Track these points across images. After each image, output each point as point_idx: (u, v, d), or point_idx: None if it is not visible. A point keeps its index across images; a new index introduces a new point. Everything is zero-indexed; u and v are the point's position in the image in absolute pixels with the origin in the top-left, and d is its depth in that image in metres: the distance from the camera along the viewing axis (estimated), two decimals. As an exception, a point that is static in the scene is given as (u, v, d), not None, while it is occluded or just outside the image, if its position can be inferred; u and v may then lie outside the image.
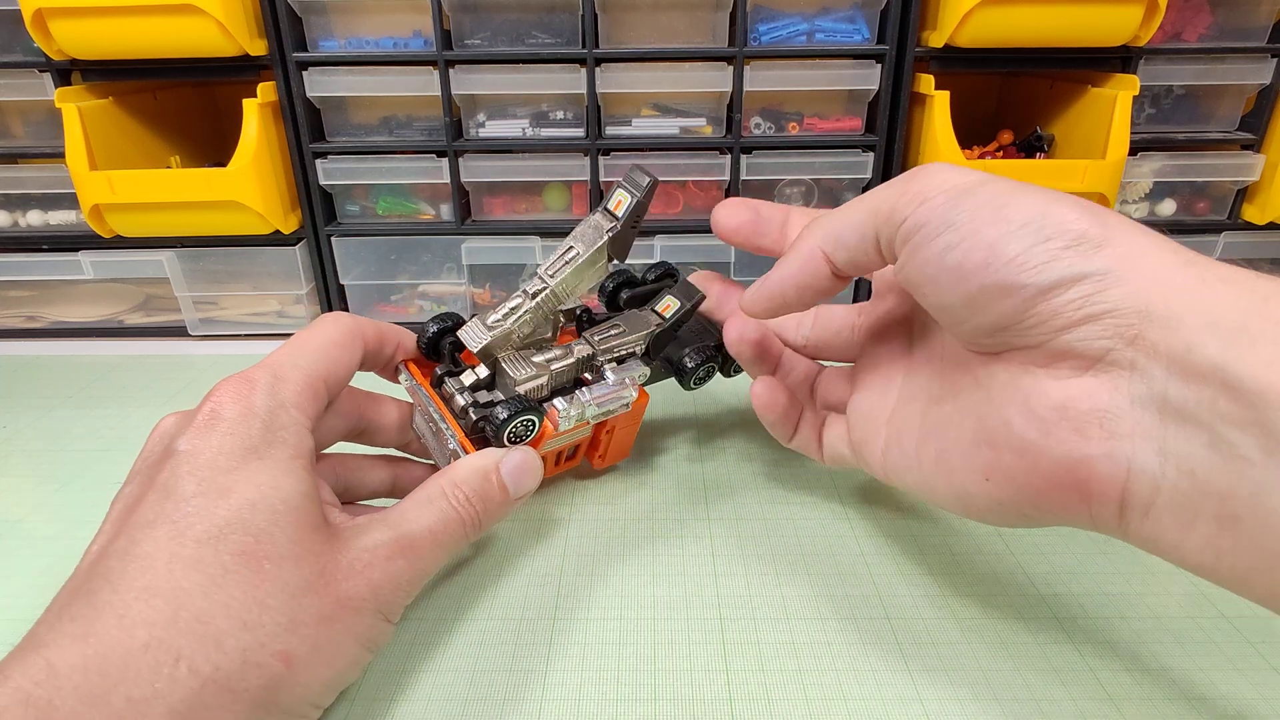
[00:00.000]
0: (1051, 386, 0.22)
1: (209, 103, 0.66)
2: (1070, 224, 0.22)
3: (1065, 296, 0.21)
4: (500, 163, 0.57)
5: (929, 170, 0.25)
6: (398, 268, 0.60)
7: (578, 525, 0.37)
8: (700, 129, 0.57)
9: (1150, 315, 0.21)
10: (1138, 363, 0.21)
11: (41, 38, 0.50)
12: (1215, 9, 0.54)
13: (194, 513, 0.23)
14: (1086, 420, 0.22)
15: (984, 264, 0.22)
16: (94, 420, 0.47)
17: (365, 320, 0.32)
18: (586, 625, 0.30)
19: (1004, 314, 0.23)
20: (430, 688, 0.28)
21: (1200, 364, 0.19)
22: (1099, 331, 0.21)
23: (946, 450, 0.26)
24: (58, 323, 0.61)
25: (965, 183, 0.24)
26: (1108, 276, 0.21)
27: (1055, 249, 0.22)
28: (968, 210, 0.23)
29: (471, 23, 0.54)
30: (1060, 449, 0.22)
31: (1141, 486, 0.21)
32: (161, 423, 0.27)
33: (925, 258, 0.24)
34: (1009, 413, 0.24)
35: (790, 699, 0.27)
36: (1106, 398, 0.21)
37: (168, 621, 0.21)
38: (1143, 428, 0.21)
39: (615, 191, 0.32)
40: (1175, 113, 0.58)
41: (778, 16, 0.54)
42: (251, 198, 0.53)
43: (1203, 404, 0.19)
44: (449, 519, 0.28)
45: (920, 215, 0.24)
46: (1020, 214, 0.22)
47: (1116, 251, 0.21)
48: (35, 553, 0.35)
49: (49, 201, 0.58)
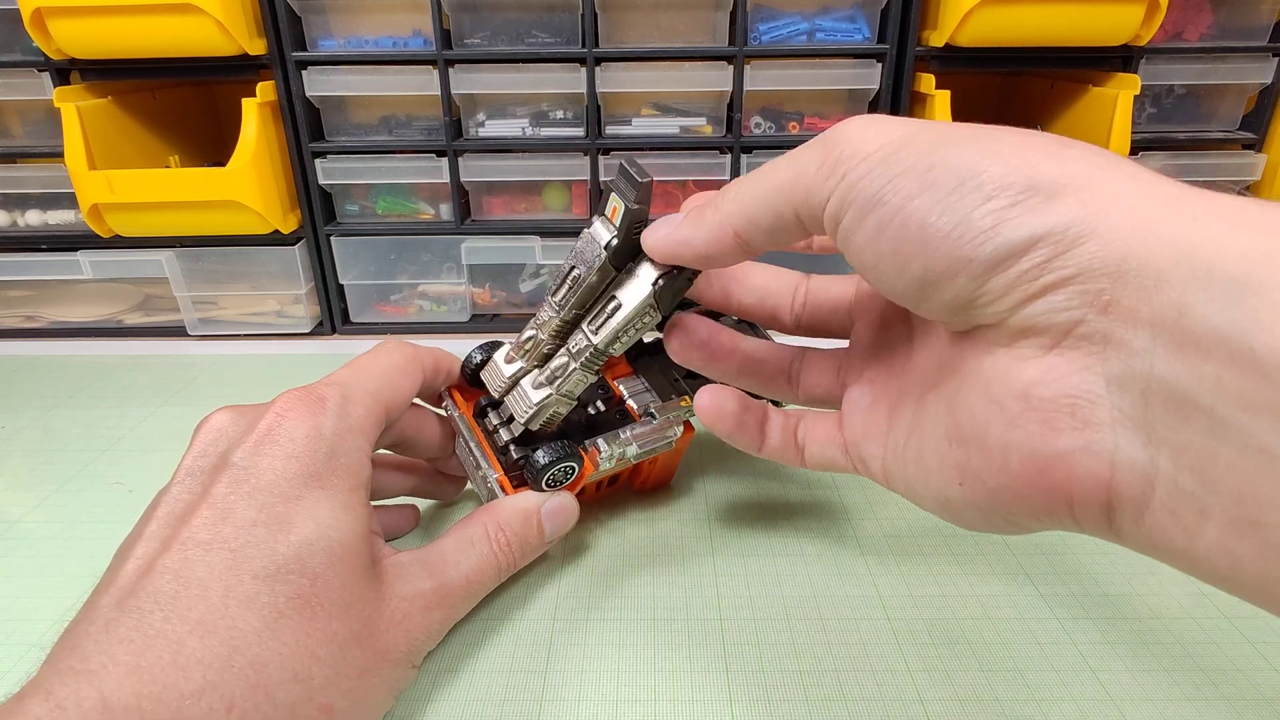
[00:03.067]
0: (1013, 369, 0.19)
1: (208, 102, 0.66)
2: (1013, 174, 0.18)
3: (1020, 266, 0.18)
4: (500, 162, 0.56)
5: (846, 131, 0.21)
6: (397, 267, 0.60)
7: (578, 526, 0.36)
8: (700, 128, 0.56)
9: (1125, 274, 0.16)
10: (1113, 334, 0.17)
11: (40, 37, 0.50)
12: (1216, 8, 0.54)
13: (253, 543, 0.22)
14: (1054, 409, 0.18)
15: (921, 243, 0.19)
16: (93, 420, 0.47)
17: (423, 349, 0.31)
18: (586, 625, 0.30)
19: (957, 295, 0.19)
20: (430, 688, 0.27)
21: (1196, 330, 0.15)
22: (1064, 301, 0.17)
23: (924, 448, 0.23)
24: (57, 323, 0.61)
25: (887, 142, 0.20)
26: (1068, 232, 0.17)
27: (998, 209, 0.18)
28: (893, 179, 0.19)
29: (471, 22, 0.54)
30: (1027, 445, 0.18)
31: (1130, 485, 0.17)
32: (214, 418, 0.26)
33: (858, 244, 0.20)
34: (972, 401, 0.20)
35: (790, 699, 0.27)
36: (1075, 380, 0.18)
37: (223, 665, 0.20)
38: (1125, 414, 0.17)
39: (608, 198, 0.28)
40: (1176, 112, 0.58)
41: (778, 16, 0.53)
42: (251, 197, 0.53)
43: (1203, 381, 0.15)
44: (485, 565, 0.28)
45: (842, 194, 0.20)
46: (951, 173, 0.18)
47: (1079, 198, 0.17)
48: (34, 553, 0.35)
49: (48, 201, 0.58)
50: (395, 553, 0.27)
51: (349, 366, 0.28)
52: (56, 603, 0.31)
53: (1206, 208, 0.16)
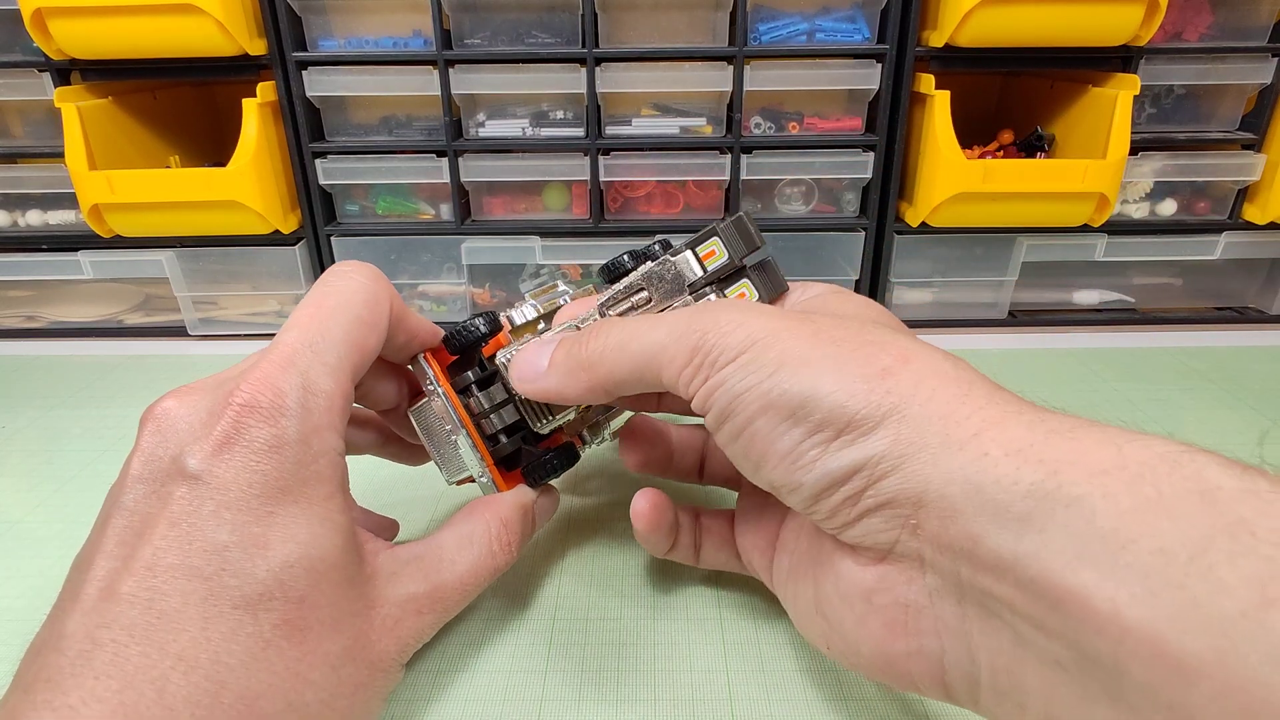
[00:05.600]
0: (856, 572, 0.21)
1: (208, 102, 0.66)
2: (840, 408, 0.20)
3: (840, 494, 0.20)
4: (500, 162, 0.57)
5: (717, 322, 0.22)
6: (398, 268, 0.60)
7: (578, 526, 0.36)
8: (700, 129, 0.56)
9: (926, 504, 0.18)
10: (925, 554, 0.19)
11: (41, 37, 0.50)
12: (1216, 9, 0.54)
13: (228, 569, 0.20)
14: (890, 614, 0.20)
15: (761, 460, 0.21)
16: (93, 420, 0.47)
17: (386, 283, 0.27)
18: (586, 625, 0.30)
19: (797, 505, 0.21)
20: (430, 688, 0.27)
21: (987, 559, 0.17)
22: (881, 524, 0.20)
23: (799, 602, 0.25)
24: (57, 322, 0.61)
25: (741, 345, 0.22)
26: (881, 464, 0.19)
27: (821, 443, 0.20)
28: (742, 395, 0.21)
29: (471, 22, 0.54)
30: (872, 642, 0.21)
31: (959, 680, 0.19)
32: (159, 408, 0.23)
33: (719, 440, 0.23)
34: (828, 590, 0.22)
35: (790, 699, 0.27)
36: (903, 590, 0.20)
37: (211, 702, 0.19)
38: (945, 623, 0.19)
39: (709, 240, 0.27)
40: (1176, 112, 0.58)
41: (778, 16, 0.54)
42: (251, 197, 0.53)
43: (1000, 601, 0.17)
44: (483, 565, 0.27)
45: (703, 397, 0.22)
46: (789, 400, 0.20)
47: (894, 427, 0.19)
48: (34, 553, 0.35)
49: (48, 201, 0.58)
50: (389, 547, 0.25)
51: (305, 318, 0.25)
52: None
53: (1001, 444, 0.18)
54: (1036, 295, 0.62)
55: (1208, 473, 0.15)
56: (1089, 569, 0.15)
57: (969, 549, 0.18)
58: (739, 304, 0.24)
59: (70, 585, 0.21)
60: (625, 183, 0.59)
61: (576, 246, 0.58)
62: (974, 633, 0.18)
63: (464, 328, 0.29)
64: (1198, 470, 0.15)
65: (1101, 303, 0.62)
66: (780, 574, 0.26)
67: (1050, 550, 0.16)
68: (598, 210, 0.58)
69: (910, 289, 0.61)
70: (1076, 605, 0.15)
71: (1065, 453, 0.17)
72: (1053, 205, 0.55)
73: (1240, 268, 0.62)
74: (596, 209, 0.58)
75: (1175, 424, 0.44)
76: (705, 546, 0.30)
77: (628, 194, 0.59)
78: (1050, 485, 0.16)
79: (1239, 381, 0.50)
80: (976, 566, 0.18)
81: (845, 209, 0.60)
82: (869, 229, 0.58)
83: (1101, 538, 0.15)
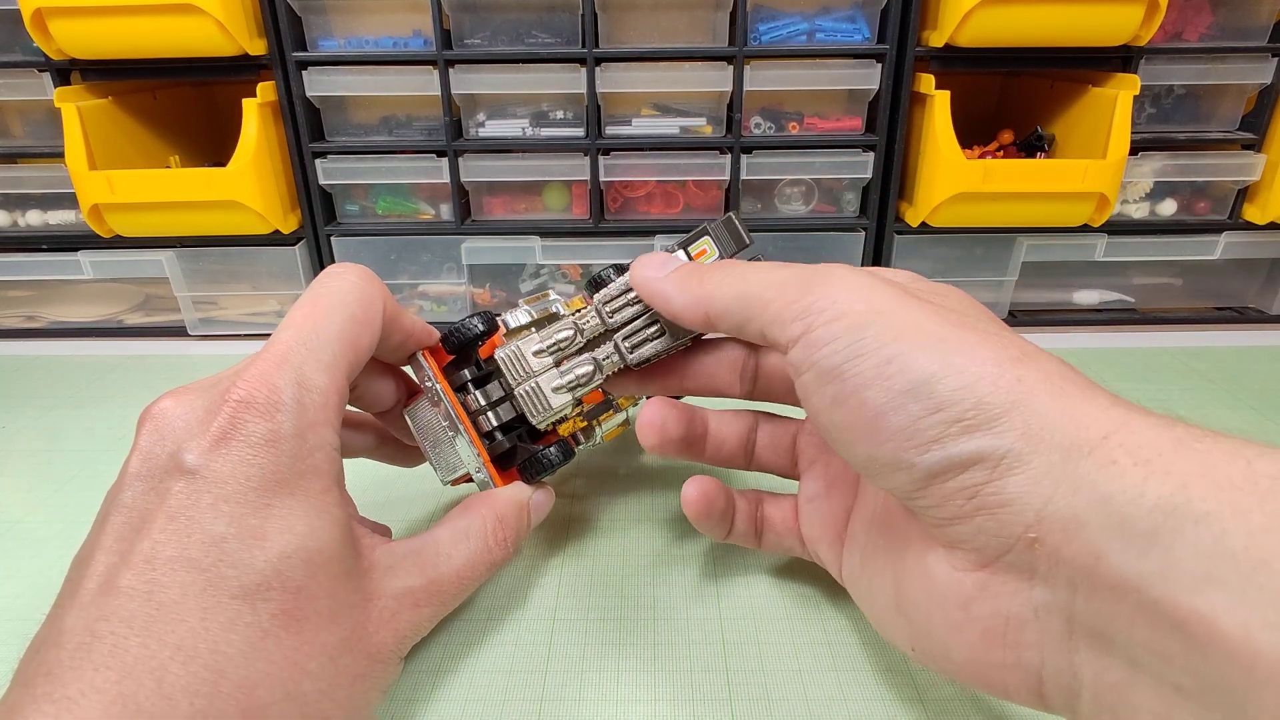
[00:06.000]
0: (952, 576, 0.20)
1: (208, 102, 0.66)
2: (966, 389, 0.18)
3: (955, 483, 0.19)
4: (500, 162, 0.57)
5: (832, 279, 0.22)
6: (398, 268, 0.60)
7: (578, 526, 0.37)
8: (700, 129, 0.56)
9: (1048, 516, 0.17)
10: (1038, 569, 0.18)
11: (41, 37, 0.50)
12: (1216, 8, 0.54)
13: (226, 560, 0.20)
14: (989, 624, 0.19)
15: (870, 431, 0.20)
16: (93, 420, 0.47)
17: (379, 283, 0.27)
18: (586, 625, 0.30)
19: (897, 487, 0.20)
20: (430, 688, 0.27)
21: (1109, 577, 0.16)
22: (994, 528, 0.18)
23: (875, 599, 0.24)
24: (57, 323, 0.61)
25: (859, 312, 0.20)
26: (1005, 460, 0.18)
27: (944, 423, 0.19)
28: (855, 359, 0.20)
29: (471, 22, 0.54)
30: (968, 651, 0.20)
31: (1057, 695, 0.18)
32: (157, 408, 0.23)
33: (815, 405, 0.21)
34: (914, 591, 0.22)
35: (790, 699, 0.27)
36: (1006, 602, 0.19)
37: (210, 691, 0.19)
38: (1050, 638, 0.18)
39: (700, 239, 0.28)
40: (1176, 112, 0.58)
41: (778, 16, 0.54)
42: (251, 197, 0.53)
43: (1118, 621, 0.16)
44: (479, 560, 0.27)
45: (806, 347, 0.21)
46: (908, 374, 0.19)
47: (1022, 420, 0.18)
48: (34, 553, 0.35)
49: (48, 201, 0.58)
50: (385, 541, 0.26)
51: (300, 317, 0.25)
52: (56, 602, 0.31)
53: (1130, 451, 0.17)
54: (1036, 295, 0.62)
55: None
56: (1219, 591, 0.14)
57: (1089, 565, 0.17)
58: (860, 269, 0.22)
59: (70, 582, 0.21)
60: (625, 183, 0.59)
61: (576, 246, 0.58)
62: (1081, 649, 0.18)
63: (461, 326, 0.29)
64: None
65: (1101, 303, 0.62)
66: (851, 569, 0.25)
67: (1178, 571, 0.15)
68: (598, 210, 0.58)
69: (910, 289, 0.61)
70: (1204, 630, 0.15)
71: (1195, 464, 0.16)
72: (1053, 205, 0.55)
73: (1240, 268, 0.62)
74: (596, 209, 0.58)
75: (1175, 424, 0.44)
76: (766, 534, 0.29)
77: (628, 194, 0.60)
78: (1180, 499, 0.15)
79: (1239, 381, 0.50)
80: (1096, 585, 0.17)
81: (845, 209, 0.60)
82: (869, 229, 0.58)
83: (1233, 557, 0.14)
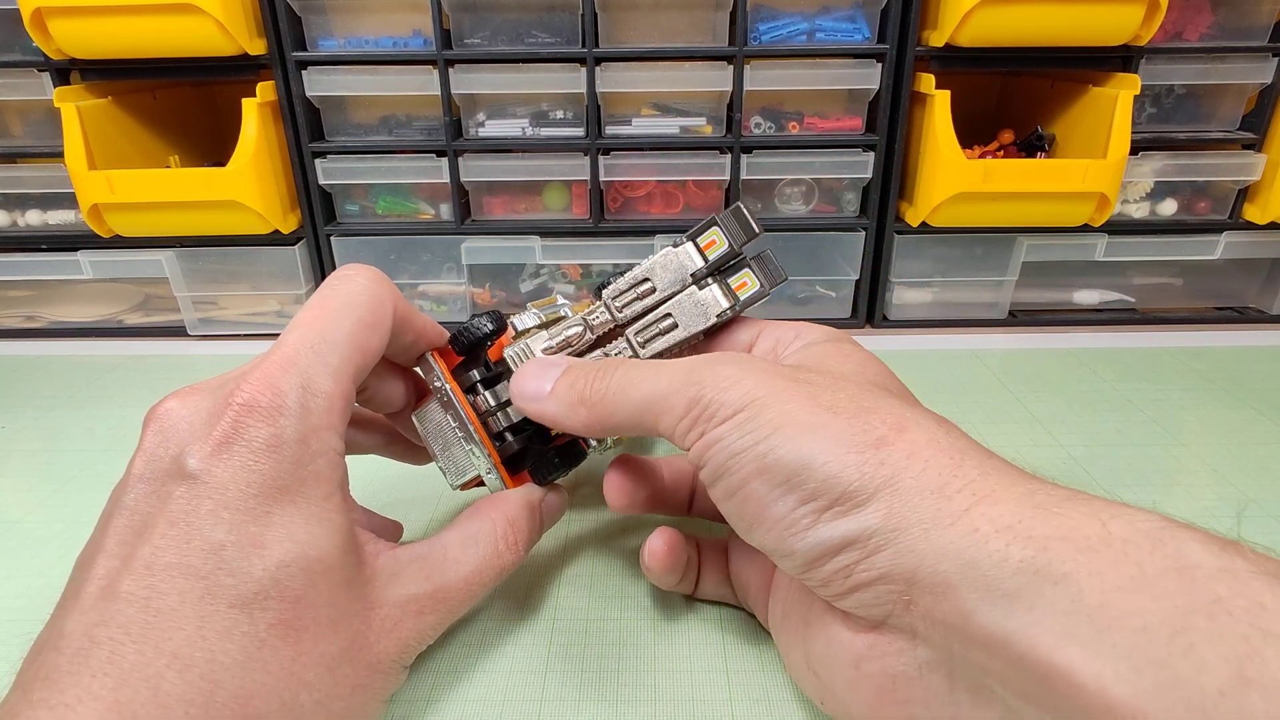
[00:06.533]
0: (847, 637, 0.21)
1: (208, 102, 0.66)
2: (834, 478, 0.20)
3: (832, 565, 0.20)
4: (500, 162, 0.56)
5: (715, 376, 0.23)
6: (398, 268, 0.60)
7: (578, 526, 0.36)
8: (700, 128, 0.56)
9: (918, 581, 0.19)
10: (917, 629, 0.19)
11: (40, 37, 0.50)
12: (1216, 8, 0.54)
13: (225, 569, 0.20)
14: (879, 681, 0.21)
15: (757, 520, 0.22)
16: (93, 420, 0.47)
17: (390, 285, 0.27)
18: (586, 626, 0.30)
19: (788, 569, 0.22)
20: (430, 688, 0.27)
21: (979, 634, 0.17)
22: (874, 598, 0.20)
23: (791, 653, 0.25)
24: (57, 323, 0.61)
25: (739, 403, 0.22)
26: (874, 539, 0.19)
27: (815, 511, 0.20)
28: (739, 454, 0.21)
29: (471, 22, 0.54)
30: (864, 706, 0.21)
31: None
32: (162, 409, 0.23)
33: (715, 496, 0.23)
34: (819, 649, 0.23)
35: (790, 699, 0.27)
36: (894, 660, 0.20)
37: (205, 701, 0.19)
38: (935, 694, 0.20)
39: (709, 229, 0.28)
40: (1176, 112, 0.58)
41: (778, 16, 0.53)
42: (251, 197, 0.53)
43: (991, 674, 0.18)
44: (488, 565, 0.26)
45: (699, 450, 0.22)
46: (783, 466, 0.21)
47: (890, 500, 0.19)
48: (34, 553, 0.35)
49: (48, 201, 0.58)
50: (390, 548, 0.25)
51: (308, 319, 0.24)
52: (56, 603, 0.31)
53: (992, 519, 0.18)
54: (1037, 295, 0.62)
55: (1187, 550, 0.16)
56: (1076, 646, 0.16)
57: (960, 625, 0.18)
58: (739, 358, 0.24)
59: (72, 584, 0.21)
60: (625, 182, 0.59)
61: (576, 246, 0.58)
62: (964, 704, 0.19)
63: (470, 326, 0.29)
64: (1178, 548, 0.16)
65: (1102, 303, 0.62)
66: (775, 619, 0.27)
67: (1040, 628, 0.16)
68: (598, 210, 0.58)
69: (910, 289, 0.61)
70: (1064, 682, 0.16)
71: (1053, 529, 0.17)
72: (1053, 205, 0.55)
73: (1240, 268, 0.62)
74: (596, 209, 0.58)
75: (1175, 424, 0.44)
76: (704, 580, 0.30)
77: (628, 194, 0.59)
78: (1040, 562, 0.17)
79: (1239, 381, 0.50)
80: (968, 642, 0.18)
81: (845, 209, 0.60)
82: (869, 229, 0.58)
83: (1088, 615, 0.16)
